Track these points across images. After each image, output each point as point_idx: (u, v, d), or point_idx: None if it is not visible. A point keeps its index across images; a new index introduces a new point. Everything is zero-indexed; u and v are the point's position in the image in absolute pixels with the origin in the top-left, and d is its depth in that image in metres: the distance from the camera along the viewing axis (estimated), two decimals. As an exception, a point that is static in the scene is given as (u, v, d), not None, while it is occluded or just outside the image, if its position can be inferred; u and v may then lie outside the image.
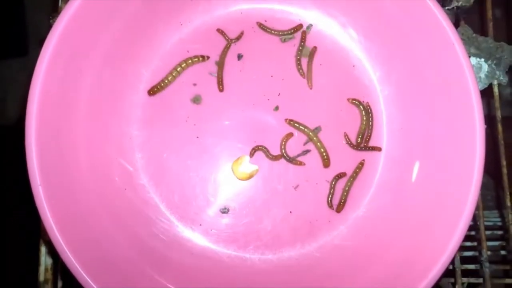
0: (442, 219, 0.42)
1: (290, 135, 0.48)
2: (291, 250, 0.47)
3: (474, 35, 0.52)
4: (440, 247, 0.41)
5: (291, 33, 0.49)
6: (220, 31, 0.49)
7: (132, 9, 0.45)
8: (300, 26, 0.49)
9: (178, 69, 0.47)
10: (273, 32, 0.49)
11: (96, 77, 0.44)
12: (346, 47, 0.50)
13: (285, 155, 0.48)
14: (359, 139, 0.48)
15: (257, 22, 0.49)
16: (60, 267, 0.48)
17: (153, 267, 0.43)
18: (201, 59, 0.48)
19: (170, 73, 0.47)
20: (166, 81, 0.47)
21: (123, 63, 0.47)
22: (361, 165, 0.48)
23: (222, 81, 0.48)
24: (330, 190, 0.47)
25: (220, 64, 0.48)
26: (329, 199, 0.47)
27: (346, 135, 0.48)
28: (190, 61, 0.48)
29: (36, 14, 1.08)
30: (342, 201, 0.47)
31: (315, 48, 0.49)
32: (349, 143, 0.48)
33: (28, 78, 0.39)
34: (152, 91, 0.47)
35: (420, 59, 0.45)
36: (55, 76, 0.40)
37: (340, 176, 0.48)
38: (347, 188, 0.47)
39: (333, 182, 0.48)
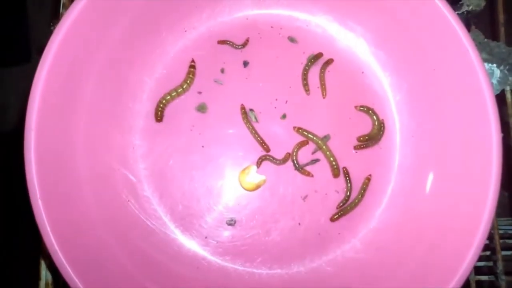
0: (458, 232, 0.40)
1: (304, 142, 0.46)
2: (300, 264, 0.45)
3: (485, 40, 0.50)
4: (456, 261, 0.39)
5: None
6: (221, 42, 0.47)
7: (134, 16, 0.43)
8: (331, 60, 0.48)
9: (179, 90, 0.46)
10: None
11: (97, 86, 0.43)
12: (355, 53, 0.48)
13: (294, 162, 0.46)
14: (361, 138, 0.47)
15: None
16: (61, 282, 0.46)
17: (157, 282, 0.41)
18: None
19: (169, 92, 0.46)
20: (164, 101, 0.46)
21: (126, 71, 0.45)
22: (367, 180, 0.46)
23: (264, 141, 0.46)
24: (347, 193, 0.46)
25: (248, 125, 0.46)
26: (341, 204, 0.46)
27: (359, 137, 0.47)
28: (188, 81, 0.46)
29: (39, 21, 1.08)
30: (339, 214, 0.45)
31: (331, 60, 0.48)
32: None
33: (29, 85, 0.38)
34: (159, 117, 0.46)
35: (433, 65, 0.43)
36: (55, 85, 0.39)
37: (347, 173, 0.46)
38: (353, 205, 0.46)
39: (348, 184, 0.46)
